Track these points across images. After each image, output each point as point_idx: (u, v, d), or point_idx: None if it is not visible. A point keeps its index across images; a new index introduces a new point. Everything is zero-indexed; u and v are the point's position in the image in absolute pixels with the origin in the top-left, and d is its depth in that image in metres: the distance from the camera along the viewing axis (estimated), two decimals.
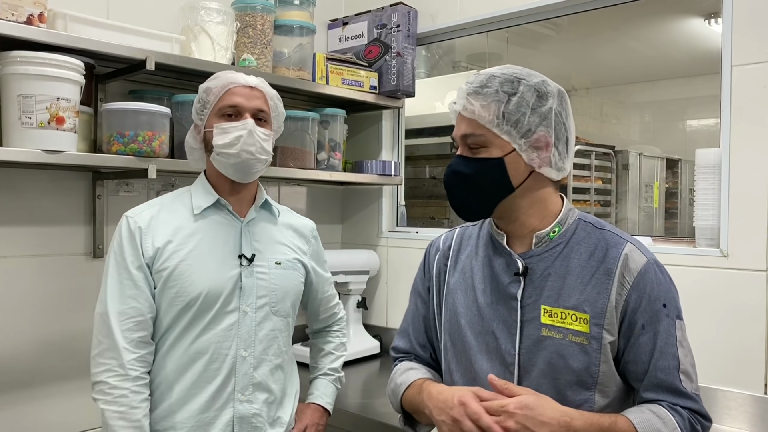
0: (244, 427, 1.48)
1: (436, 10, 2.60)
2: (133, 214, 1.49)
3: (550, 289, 1.24)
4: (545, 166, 1.24)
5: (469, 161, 1.24)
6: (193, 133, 1.57)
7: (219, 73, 1.56)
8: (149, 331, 1.45)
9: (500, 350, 1.27)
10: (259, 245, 1.55)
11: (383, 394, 2.15)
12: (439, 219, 3.65)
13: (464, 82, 1.27)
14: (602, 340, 1.20)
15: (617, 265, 1.21)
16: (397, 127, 2.82)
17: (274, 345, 1.54)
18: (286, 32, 2.33)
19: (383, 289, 2.75)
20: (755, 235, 1.81)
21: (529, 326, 1.24)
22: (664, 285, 1.23)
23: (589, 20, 3.01)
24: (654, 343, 1.20)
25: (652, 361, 1.20)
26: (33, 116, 1.63)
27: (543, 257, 1.26)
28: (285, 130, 2.34)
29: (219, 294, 1.46)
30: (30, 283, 1.96)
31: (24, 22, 1.66)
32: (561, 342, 1.21)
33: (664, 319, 1.20)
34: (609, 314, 1.20)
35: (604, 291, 1.21)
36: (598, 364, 1.20)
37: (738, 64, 1.85)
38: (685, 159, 4.38)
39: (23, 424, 1.93)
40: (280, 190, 2.67)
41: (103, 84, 2.05)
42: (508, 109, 1.21)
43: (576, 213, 1.31)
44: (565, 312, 1.22)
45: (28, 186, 1.97)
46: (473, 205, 1.28)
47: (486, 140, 1.23)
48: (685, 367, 1.20)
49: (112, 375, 1.40)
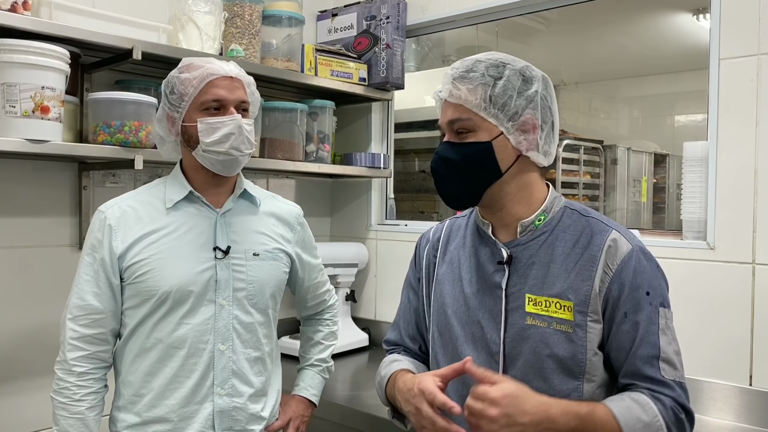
0: (224, 420, 1.47)
1: (426, 2, 2.59)
2: (105, 208, 1.47)
3: (534, 278, 1.24)
4: (532, 149, 1.24)
5: (457, 146, 1.24)
6: (165, 125, 1.50)
7: (192, 61, 1.48)
8: (108, 328, 1.45)
9: (486, 339, 1.27)
10: (236, 236, 1.51)
11: (371, 387, 2.16)
12: (429, 213, 3.65)
13: (449, 69, 1.26)
14: (587, 327, 1.19)
15: (601, 252, 1.21)
16: (387, 119, 2.81)
17: (252, 338, 1.51)
18: (274, 23, 2.31)
19: (372, 282, 2.75)
20: (742, 228, 1.82)
21: (514, 315, 1.24)
22: (649, 272, 1.21)
23: (578, 15, 3.01)
24: (636, 331, 1.19)
25: (632, 349, 1.19)
26: (17, 105, 1.60)
27: (528, 246, 1.26)
28: (273, 122, 2.35)
29: (191, 288, 1.44)
30: (14, 275, 1.94)
31: (8, 9, 1.64)
32: (546, 330, 1.21)
33: (647, 307, 1.19)
34: (593, 302, 1.19)
35: (588, 278, 1.20)
36: (584, 352, 1.19)
37: (726, 57, 1.86)
38: (672, 154, 4.41)
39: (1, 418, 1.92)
40: (268, 182, 2.66)
41: (89, 73, 2.03)
42: (495, 92, 1.21)
43: (562, 201, 1.30)
44: (549, 300, 1.21)
45: (12, 176, 1.95)
46: (462, 192, 1.26)
47: (473, 124, 1.22)
48: (667, 355, 1.18)
49: (60, 368, 1.44)
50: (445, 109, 1.26)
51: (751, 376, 1.80)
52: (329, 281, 1.80)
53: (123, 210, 1.47)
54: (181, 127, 1.47)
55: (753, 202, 1.81)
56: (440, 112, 1.29)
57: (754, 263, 1.80)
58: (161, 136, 1.53)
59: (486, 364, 1.25)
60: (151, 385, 1.45)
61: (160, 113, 1.51)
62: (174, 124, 1.48)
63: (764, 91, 1.79)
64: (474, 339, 1.29)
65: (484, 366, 1.24)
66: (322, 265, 1.76)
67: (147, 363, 1.45)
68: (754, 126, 1.81)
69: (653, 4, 3.79)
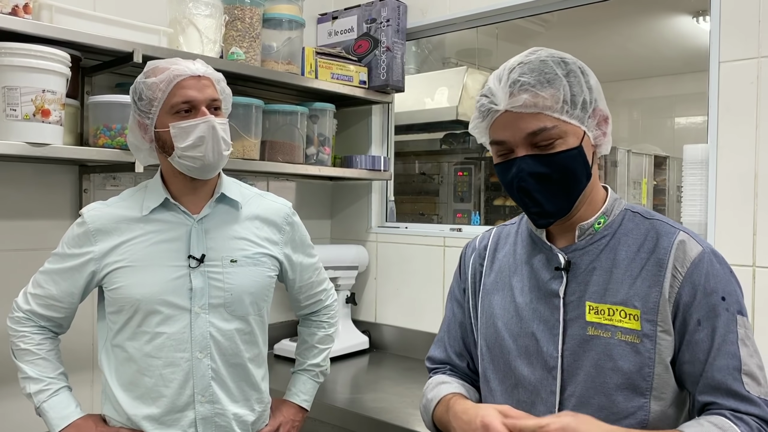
0: (208, 427, 1.46)
1: (426, 5, 2.60)
2: (87, 212, 1.47)
3: (595, 284, 1.14)
4: (603, 142, 1.16)
5: (547, 158, 1.10)
6: (137, 132, 1.47)
7: (157, 64, 1.44)
8: (58, 315, 1.49)
9: (541, 353, 1.16)
10: (213, 243, 1.47)
11: (372, 390, 2.16)
12: (429, 215, 3.66)
13: (508, 77, 1.11)
14: (656, 338, 1.09)
15: (669, 255, 1.11)
16: (387, 122, 2.82)
17: (232, 345, 1.49)
18: (274, 26, 2.32)
19: (372, 285, 2.75)
20: (742, 230, 1.82)
21: (573, 325, 1.14)
22: (723, 276, 1.10)
23: (578, 17, 3.02)
24: (711, 340, 1.07)
25: (708, 360, 1.07)
26: (18, 108, 1.61)
27: (587, 250, 1.16)
28: (273, 125, 2.35)
29: (163, 297, 1.42)
30: (15, 277, 1.94)
31: (9, 13, 1.64)
32: (609, 341, 1.10)
33: (723, 314, 1.08)
34: (662, 309, 1.09)
35: (656, 284, 1.10)
36: (652, 365, 1.09)
37: (726, 60, 1.86)
38: (673, 156, 4.41)
39: (9, 420, 1.91)
40: (268, 185, 2.66)
41: (90, 76, 2.03)
42: (573, 91, 1.10)
43: (623, 203, 1.21)
44: (613, 308, 1.11)
45: (12, 179, 1.95)
46: (557, 206, 1.14)
47: (560, 131, 1.10)
48: (749, 368, 1.06)
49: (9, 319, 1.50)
50: (511, 121, 1.11)
51: None
52: (328, 281, 1.74)
53: (102, 215, 1.46)
54: (154, 133, 1.44)
55: (753, 204, 1.81)
56: (488, 127, 1.15)
57: (754, 266, 1.80)
58: (136, 145, 1.50)
59: (542, 380, 1.16)
60: (133, 393, 1.45)
61: (131, 121, 1.48)
62: (146, 131, 1.45)
63: (764, 94, 1.80)
64: (528, 353, 1.18)
65: (540, 382, 1.16)
66: (318, 265, 1.70)
67: (129, 371, 1.45)
68: (754, 129, 1.81)
69: (653, 6, 3.80)
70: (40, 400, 1.44)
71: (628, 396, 1.10)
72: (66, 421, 1.43)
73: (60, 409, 1.44)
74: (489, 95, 1.13)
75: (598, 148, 1.16)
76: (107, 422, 1.48)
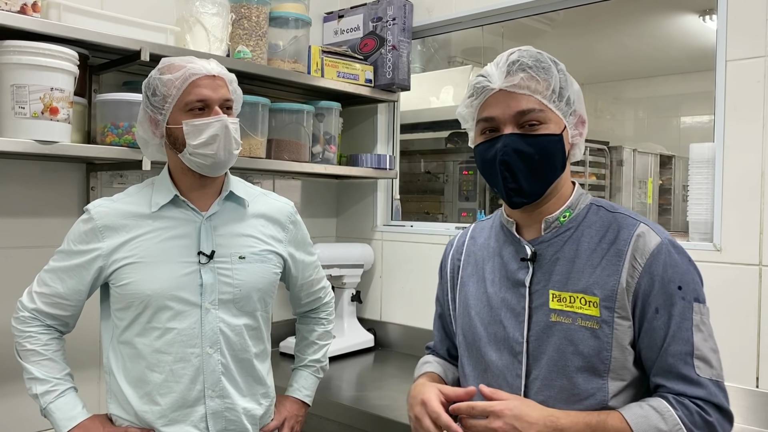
0: (218, 421, 1.47)
1: (432, 4, 2.60)
2: (93, 208, 1.47)
3: (559, 274, 1.21)
4: (578, 143, 1.24)
5: (531, 138, 1.18)
6: (147, 127, 1.48)
7: (172, 62, 1.46)
8: (64, 313, 1.49)
9: (508, 339, 1.24)
10: (222, 240, 1.49)
11: (377, 387, 2.17)
12: (434, 213, 3.66)
13: (507, 59, 1.20)
14: (613, 323, 1.15)
15: (629, 246, 1.17)
16: (392, 120, 2.82)
17: (240, 340, 1.50)
18: (281, 24, 2.32)
19: (377, 283, 2.75)
20: (748, 229, 1.82)
21: (538, 313, 1.21)
22: (681, 266, 1.16)
23: (584, 16, 3.01)
24: (667, 327, 1.14)
25: (663, 346, 1.14)
26: (26, 106, 1.62)
27: (552, 242, 1.23)
28: (279, 123, 2.36)
29: (174, 293, 1.43)
30: (22, 275, 1.94)
31: (17, 11, 1.65)
32: (570, 327, 1.17)
33: (679, 302, 1.14)
34: (620, 297, 1.15)
35: (615, 273, 1.16)
36: (609, 349, 1.15)
37: (732, 59, 1.86)
38: (678, 155, 4.40)
39: (12, 416, 1.92)
40: (274, 183, 2.67)
41: (97, 75, 2.04)
42: (562, 84, 1.20)
43: (588, 198, 1.28)
44: (574, 296, 1.18)
45: (20, 177, 1.96)
46: (532, 186, 1.20)
47: (545, 116, 1.18)
48: (701, 352, 1.13)
49: (14, 318, 1.50)
50: (503, 99, 1.19)
51: (758, 378, 1.79)
52: (325, 279, 1.77)
53: (109, 212, 1.47)
54: (165, 129, 1.45)
55: (760, 203, 1.81)
56: (479, 105, 1.23)
57: (761, 265, 1.80)
58: (145, 139, 1.51)
59: (508, 365, 1.23)
60: (142, 389, 1.45)
61: (141, 116, 1.49)
62: (158, 126, 1.46)
63: None
64: (497, 339, 1.26)
65: (506, 367, 1.24)
66: (317, 263, 1.73)
67: (138, 368, 1.45)
68: (761, 127, 1.81)
69: (659, 5, 3.79)
70: (47, 401, 1.44)
71: (588, 378, 1.16)
72: (73, 422, 1.44)
73: (67, 410, 1.45)
74: (485, 75, 1.22)
75: (573, 148, 1.24)
76: (113, 422, 1.49)
